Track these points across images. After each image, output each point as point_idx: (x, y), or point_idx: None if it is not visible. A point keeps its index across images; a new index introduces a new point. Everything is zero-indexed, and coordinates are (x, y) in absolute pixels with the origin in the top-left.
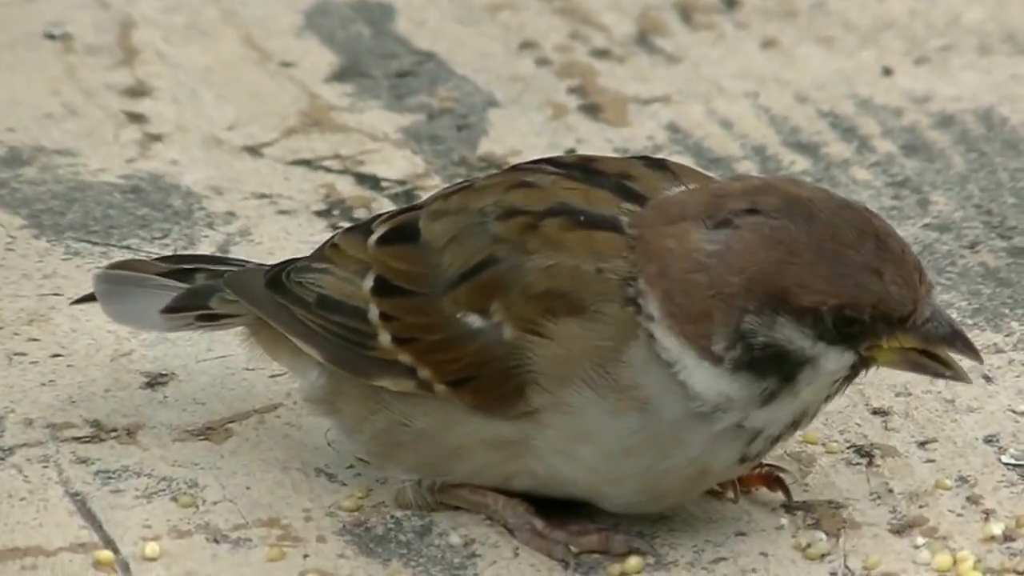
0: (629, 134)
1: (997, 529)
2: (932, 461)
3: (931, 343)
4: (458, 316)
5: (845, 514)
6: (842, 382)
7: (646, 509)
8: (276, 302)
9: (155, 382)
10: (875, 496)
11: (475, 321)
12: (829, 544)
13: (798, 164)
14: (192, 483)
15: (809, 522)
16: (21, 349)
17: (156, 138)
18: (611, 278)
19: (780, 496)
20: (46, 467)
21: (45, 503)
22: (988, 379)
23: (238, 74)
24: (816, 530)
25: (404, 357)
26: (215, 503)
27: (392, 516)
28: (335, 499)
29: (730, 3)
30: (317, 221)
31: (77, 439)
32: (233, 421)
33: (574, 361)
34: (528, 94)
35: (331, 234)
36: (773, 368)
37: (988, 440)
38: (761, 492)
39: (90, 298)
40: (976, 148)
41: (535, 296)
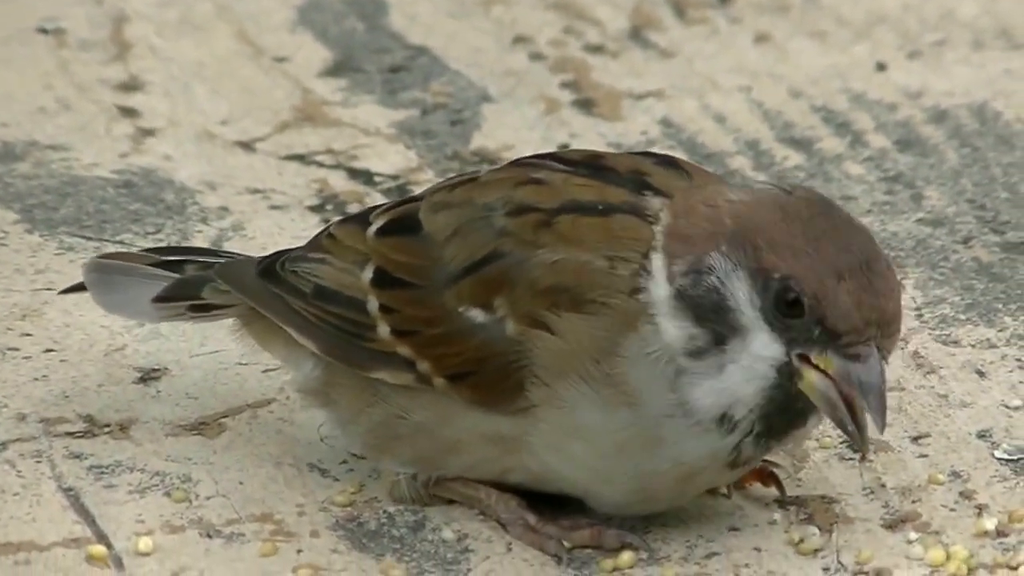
0: (623, 129)
1: (990, 524)
2: (925, 456)
3: (846, 379)
4: (460, 310)
5: (838, 509)
6: (770, 389)
7: (637, 511)
8: (270, 292)
9: (148, 377)
10: (868, 491)
11: (478, 316)
12: (822, 539)
13: (791, 159)
14: (185, 478)
15: (802, 517)
16: (14, 344)
17: (149, 133)
18: (620, 271)
19: (773, 491)
20: (39, 462)
21: (38, 498)
22: (981, 374)
23: (231, 69)
24: (809, 525)
25: (403, 350)
26: (208, 498)
27: (385, 511)
28: (328, 494)
29: None
30: (310, 216)
31: (70, 434)
32: (226, 416)
33: (573, 355)
34: (521, 89)
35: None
36: (709, 317)
37: (981, 435)
38: (754, 487)
39: (79, 288)
40: (969, 143)
41: (541, 291)
